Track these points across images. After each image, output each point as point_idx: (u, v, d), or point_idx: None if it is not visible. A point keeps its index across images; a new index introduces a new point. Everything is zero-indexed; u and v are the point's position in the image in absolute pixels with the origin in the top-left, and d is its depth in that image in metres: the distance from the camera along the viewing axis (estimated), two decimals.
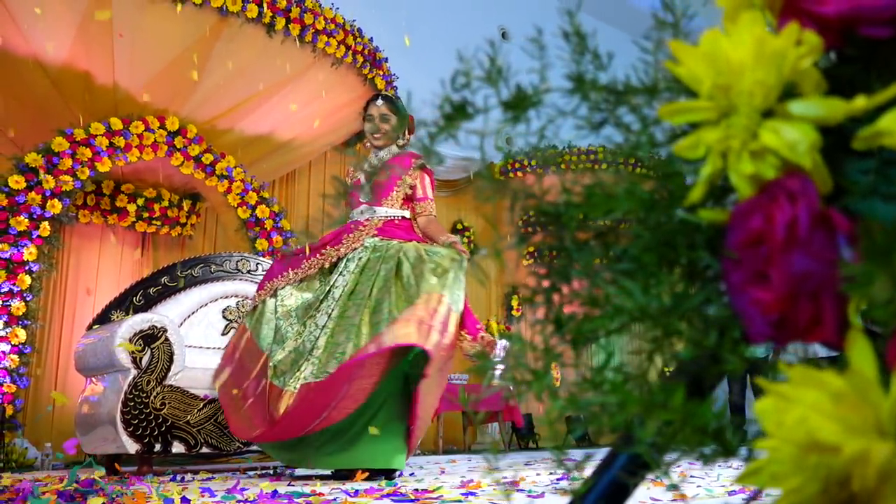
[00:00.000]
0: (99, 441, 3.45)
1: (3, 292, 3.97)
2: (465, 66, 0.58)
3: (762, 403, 0.40)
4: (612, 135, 0.54)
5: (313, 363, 2.80)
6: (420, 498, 1.90)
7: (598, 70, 0.53)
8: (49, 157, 4.20)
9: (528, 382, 0.52)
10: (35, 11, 4.11)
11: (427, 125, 0.58)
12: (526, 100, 0.56)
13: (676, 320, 0.44)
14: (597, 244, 0.51)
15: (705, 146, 0.42)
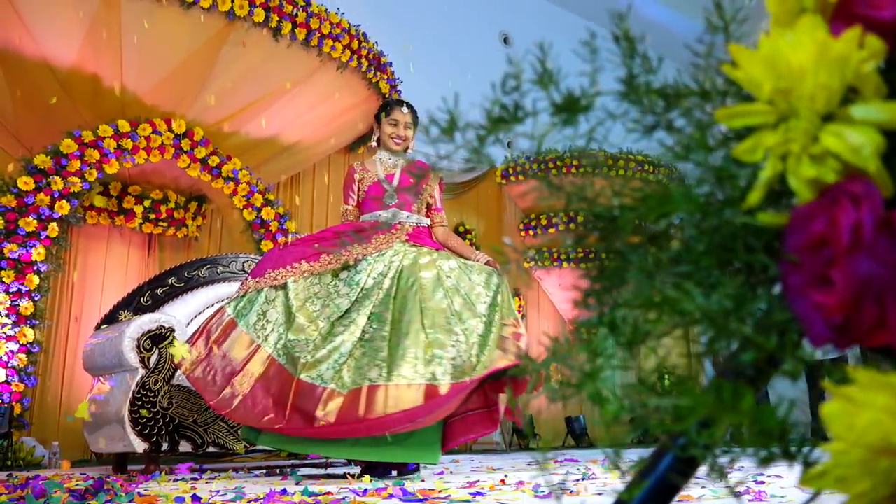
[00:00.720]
0: (106, 440, 3.49)
1: (12, 292, 4.01)
2: (515, 69, 0.59)
3: (829, 407, 0.39)
4: (659, 138, 0.56)
5: (379, 366, 2.74)
6: (428, 497, 1.93)
7: (648, 73, 0.54)
8: (57, 159, 4.24)
9: (578, 385, 0.53)
10: (45, 15, 4.16)
11: (475, 127, 0.59)
12: (577, 103, 0.56)
13: (737, 323, 0.44)
14: (650, 247, 0.52)
15: (764, 149, 0.42)
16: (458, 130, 0.59)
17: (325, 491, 2.19)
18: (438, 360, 2.78)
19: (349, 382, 2.71)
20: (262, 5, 4.51)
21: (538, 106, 0.58)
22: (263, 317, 2.94)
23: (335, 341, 2.82)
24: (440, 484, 2.44)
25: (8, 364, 3.94)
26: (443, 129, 0.57)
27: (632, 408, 0.50)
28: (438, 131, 0.58)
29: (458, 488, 2.23)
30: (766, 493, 1.89)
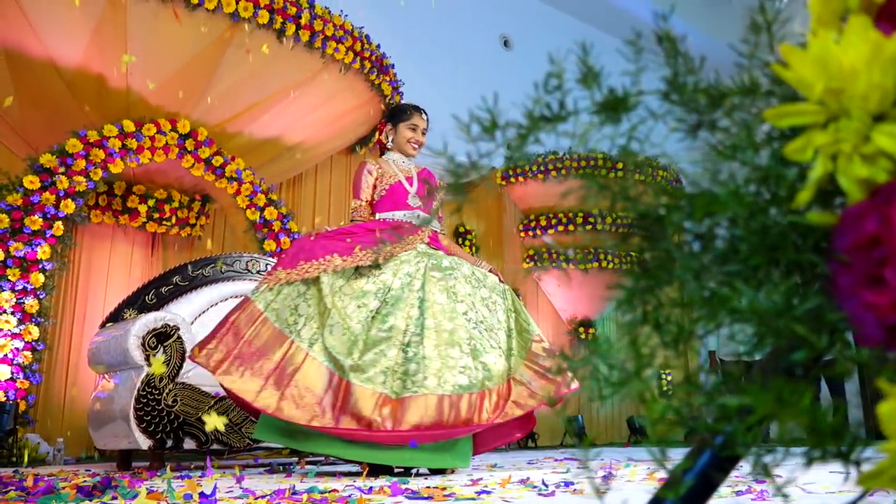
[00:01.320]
0: (111, 437, 3.53)
1: (18, 290, 4.04)
2: (556, 68, 0.59)
3: (885, 406, 0.39)
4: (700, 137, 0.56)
5: (426, 374, 2.75)
6: (434, 495, 1.97)
7: (690, 73, 0.53)
8: (63, 158, 4.27)
9: (621, 383, 0.52)
10: (51, 15, 4.20)
11: (514, 126, 0.59)
12: (622, 102, 0.56)
13: (790, 321, 0.44)
14: (694, 246, 0.51)
15: (814, 149, 0.43)
16: (498, 129, 0.58)
17: (331, 488, 2.22)
18: (484, 368, 2.88)
19: (399, 389, 2.71)
20: (266, 7, 4.54)
21: (572, 106, 0.59)
22: (295, 311, 2.86)
23: (381, 346, 2.78)
24: (443, 482, 2.48)
25: (13, 361, 3.97)
26: (484, 128, 0.57)
27: (680, 406, 0.50)
28: (479, 129, 0.58)
29: (462, 486, 2.27)
30: (769, 492, 1.93)
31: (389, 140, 3.32)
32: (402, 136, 3.27)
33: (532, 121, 0.59)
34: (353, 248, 2.96)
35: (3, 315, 3.97)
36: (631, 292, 0.53)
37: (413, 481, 2.47)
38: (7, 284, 4.00)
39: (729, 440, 0.50)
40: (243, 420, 3.56)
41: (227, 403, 3.52)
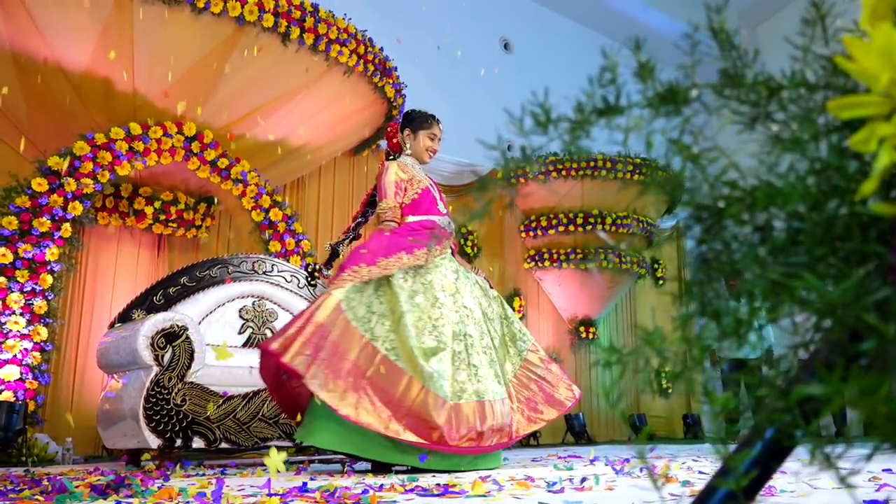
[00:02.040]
0: (120, 436, 3.57)
1: (26, 291, 4.08)
2: (609, 62, 0.58)
3: None
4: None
5: (484, 381, 2.84)
6: (444, 493, 2.01)
7: (745, 67, 0.53)
8: (71, 161, 4.32)
9: (680, 373, 0.53)
10: (58, 19, 4.24)
11: (567, 120, 0.58)
12: (679, 94, 0.55)
13: (860, 311, 0.44)
14: (755, 238, 0.51)
15: (878, 140, 0.43)
16: (551, 123, 0.59)
17: (342, 486, 2.27)
18: (503, 376, 3.05)
19: (455, 393, 2.77)
20: (271, 11, 4.59)
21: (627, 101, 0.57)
22: (369, 308, 2.85)
23: (444, 351, 2.82)
24: (451, 479, 2.52)
25: (22, 362, 4.01)
26: (537, 122, 0.57)
27: (743, 398, 0.52)
28: (532, 124, 0.58)
29: (471, 483, 2.31)
30: (776, 487, 1.98)
31: (407, 146, 3.35)
32: (422, 143, 3.32)
33: (583, 115, 0.58)
34: (414, 247, 2.98)
35: (13, 316, 4.01)
36: (689, 284, 0.52)
37: (422, 478, 2.52)
38: (16, 286, 4.04)
39: (787, 431, 0.50)
40: (251, 419, 3.61)
41: (235, 402, 3.58)
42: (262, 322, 4.20)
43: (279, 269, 4.41)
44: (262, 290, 4.25)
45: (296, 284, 4.42)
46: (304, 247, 5.14)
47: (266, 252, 4.95)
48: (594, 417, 8.01)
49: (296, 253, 5.09)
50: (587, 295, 7.64)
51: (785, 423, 0.49)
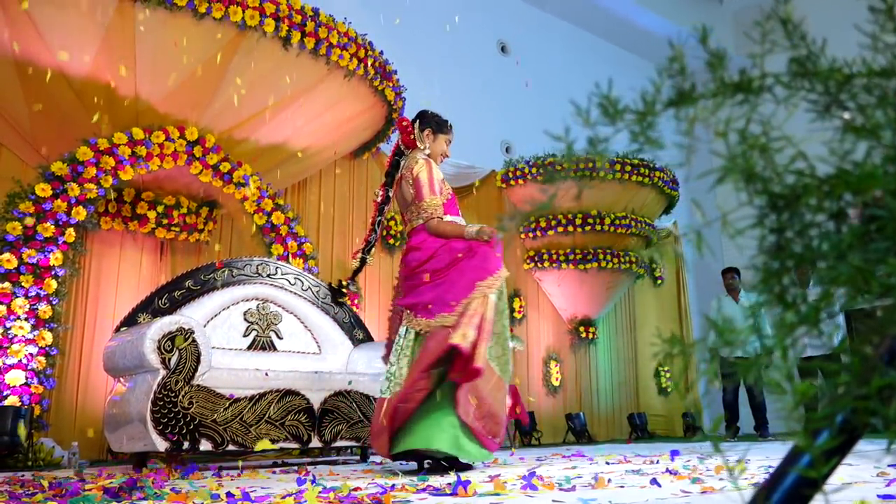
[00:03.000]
0: (127, 439, 3.59)
1: (31, 296, 4.10)
2: (676, 52, 0.57)
3: None
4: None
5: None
6: (455, 492, 2.03)
7: (814, 57, 0.53)
8: (74, 166, 4.34)
9: (753, 363, 0.53)
10: (60, 25, 4.26)
11: (634, 112, 0.58)
12: (751, 83, 0.54)
13: None
14: (830, 225, 0.51)
15: None
16: (619, 114, 0.58)
17: (354, 486, 2.29)
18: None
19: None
20: (272, 15, 4.62)
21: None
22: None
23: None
24: (463, 477, 2.55)
25: (27, 366, 4.03)
26: (605, 113, 0.56)
27: (823, 385, 0.50)
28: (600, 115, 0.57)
29: (481, 482, 2.34)
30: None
31: (426, 145, 3.34)
32: (440, 147, 3.35)
33: (649, 106, 0.57)
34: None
35: (18, 321, 4.03)
36: (767, 272, 0.52)
37: (432, 479, 2.54)
38: (21, 291, 4.06)
39: (862, 418, 0.50)
40: (258, 421, 3.63)
41: (242, 405, 3.60)
42: (266, 325, 4.22)
43: (283, 271, 4.44)
44: (267, 293, 4.28)
45: (300, 287, 4.44)
46: (306, 249, 5.17)
47: (268, 255, 4.97)
48: (595, 417, 8.05)
49: (298, 256, 5.12)
50: (586, 295, 7.69)
51: (863, 411, 0.49)
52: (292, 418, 3.74)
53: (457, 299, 2.92)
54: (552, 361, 7.81)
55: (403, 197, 3.26)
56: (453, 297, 2.93)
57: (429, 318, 2.96)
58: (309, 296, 4.46)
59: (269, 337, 4.20)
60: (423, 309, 2.99)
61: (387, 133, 6.15)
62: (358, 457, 4.43)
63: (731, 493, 1.92)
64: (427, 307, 2.98)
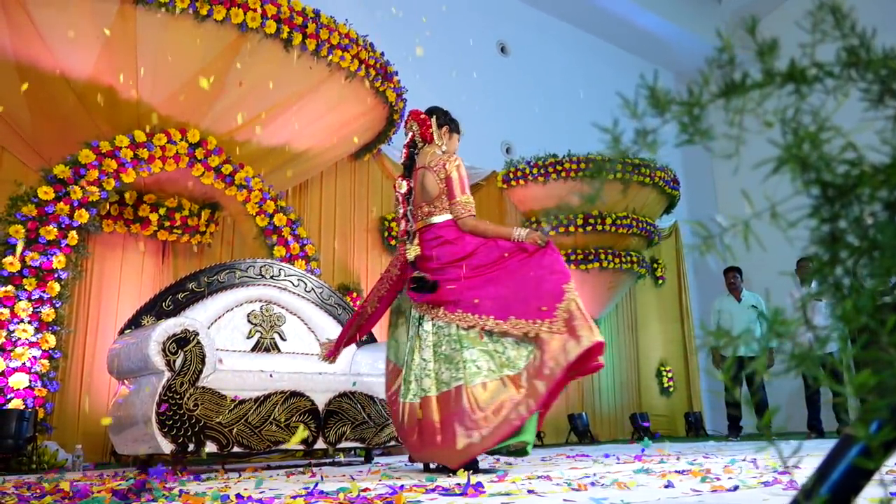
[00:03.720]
0: (131, 441, 3.58)
1: (34, 299, 4.10)
2: (724, 43, 0.57)
3: None
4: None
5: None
6: (466, 492, 2.03)
7: (866, 46, 0.52)
8: (76, 169, 4.34)
9: (803, 356, 0.52)
10: (62, 28, 4.26)
11: (681, 103, 0.57)
12: (803, 73, 0.54)
13: None
14: (885, 215, 0.50)
15: None
16: (668, 105, 0.57)
17: (363, 487, 2.29)
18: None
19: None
20: (273, 17, 4.63)
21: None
22: None
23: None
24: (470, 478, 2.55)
25: (31, 370, 4.02)
26: (652, 104, 0.56)
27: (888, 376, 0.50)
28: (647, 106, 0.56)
29: (491, 483, 2.34)
30: (797, 482, 2.01)
31: (443, 142, 3.32)
32: (454, 146, 3.35)
33: (695, 98, 0.56)
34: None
35: (21, 324, 4.02)
36: (821, 263, 0.52)
37: (440, 479, 2.54)
38: (24, 294, 4.06)
39: None
40: (263, 422, 3.63)
41: (247, 406, 3.60)
42: (270, 326, 4.22)
43: (286, 273, 4.44)
44: (270, 295, 4.28)
45: (303, 288, 4.44)
46: (308, 251, 5.16)
47: (270, 257, 4.97)
48: (597, 417, 8.05)
49: (300, 257, 5.11)
50: (588, 295, 7.68)
51: None
52: (297, 420, 3.74)
53: (550, 305, 2.89)
54: None
55: (425, 190, 3.20)
56: (543, 302, 2.90)
57: (500, 318, 2.92)
58: (312, 297, 4.45)
59: (273, 338, 4.20)
60: (473, 307, 2.94)
61: (388, 134, 6.15)
62: (362, 458, 4.43)
63: (742, 492, 1.93)
64: (487, 307, 2.94)
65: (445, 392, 2.88)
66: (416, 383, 3.01)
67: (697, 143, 0.57)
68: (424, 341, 3.03)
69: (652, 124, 0.62)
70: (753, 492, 1.94)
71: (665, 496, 1.89)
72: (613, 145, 0.56)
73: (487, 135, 8.01)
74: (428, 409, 2.91)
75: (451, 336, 2.95)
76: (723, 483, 2.14)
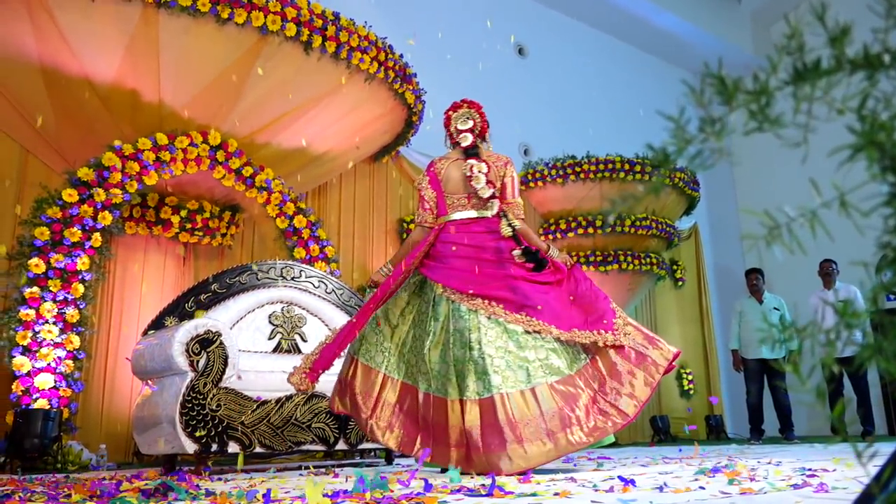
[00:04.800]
0: (155, 441, 3.61)
1: (59, 300, 4.14)
2: (793, 29, 0.55)
3: None
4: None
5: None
6: (492, 493, 2.02)
7: None
8: (100, 172, 4.38)
9: (872, 347, 0.50)
10: (86, 33, 4.31)
11: (747, 92, 0.55)
12: (879, 58, 0.52)
13: None
14: None
15: None
16: (734, 93, 0.55)
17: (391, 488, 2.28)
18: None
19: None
20: (293, 20, 4.65)
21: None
22: None
23: None
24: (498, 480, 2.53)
25: (56, 370, 4.07)
26: (719, 91, 0.54)
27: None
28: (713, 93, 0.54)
29: (515, 485, 2.33)
30: (828, 484, 1.99)
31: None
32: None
33: (763, 84, 0.55)
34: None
35: (46, 325, 4.07)
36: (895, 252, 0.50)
37: (464, 480, 2.53)
38: (49, 295, 4.10)
39: None
40: (284, 423, 3.64)
41: (269, 407, 3.61)
42: (291, 327, 4.24)
43: (307, 274, 4.45)
44: (291, 296, 4.29)
45: (324, 290, 4.45)
46: (328, 253, 5.18)
47: (290, 259, 4.99)
48: None
49: (320, 259, 5.13)
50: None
51: None
52: (319, 420, 3.75)
53: (609, 319, 2.98)
54: None
55: (476, 184, 3.10)
56: (606, 316, 3.00)
57: (588, 329, 2.95)
58: (333, 299, 4.47)
59: (294, 340, 4.21)
60: (538, 312, 2.92)
61: (406, 136, 6.16)
62: (383, 459, 4.43)
63: (772, 495, 1.90)
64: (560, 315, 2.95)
65: (520, 391, 2.79)
66: (471, 380, 2.83)
67: (767, 131, 0.55)
68: (481, 333, 2.89)
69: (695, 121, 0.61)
70: (783, 494, 1.91)
71: (694, 498, 1.87)
72: (677, 134, 0.54)
73: (505, 137, 7.99)
74: (500, 406, 2.76)
75: (514, 334, 2.89)
76: (751, 486, 2.12)
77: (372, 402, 3.09)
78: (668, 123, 0.56)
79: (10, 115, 4.70)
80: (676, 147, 0.53)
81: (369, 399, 3.10)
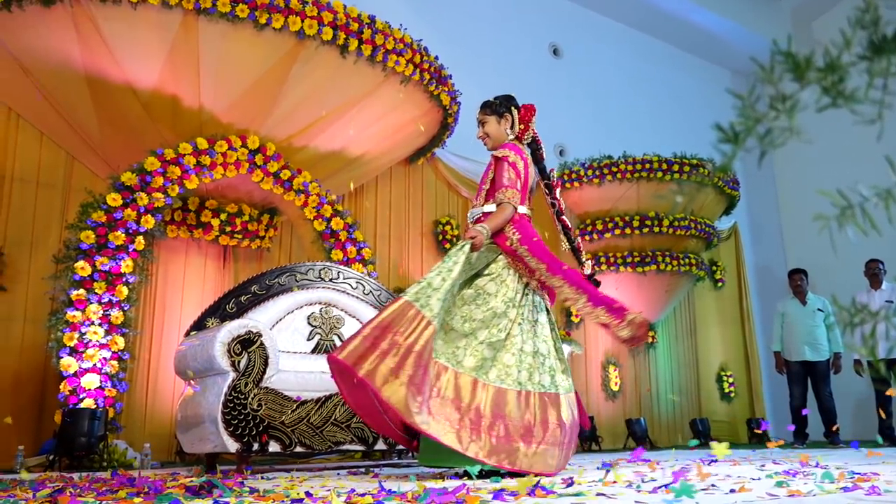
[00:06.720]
0: (197, 440, 3.66)
1: (104, 302, 4.24)
2: (868, 2, 0.53)
3: None
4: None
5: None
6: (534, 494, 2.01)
7: None
8: (142, 176, 4.47)
9: None
10: (129, 41, 4.40)
11: (818, 70, 0.53)
12: None
13: None
14: None
15: None
16: (811, 69, 0.53)
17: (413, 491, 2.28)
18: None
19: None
20: (330, 24, 4.69)
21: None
22: None
23: None
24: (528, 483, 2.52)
25: (101, 370, 4.16)
26: (792, 69, 0.52)
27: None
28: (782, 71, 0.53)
29: (561, 487, 2.31)
30: (879, 487, 1.93)
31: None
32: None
33: (836, 60, 0.52)
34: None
35: (92, 326, 4.16)
36: None
37: (503, 482, 2.52)
38: (94, 297, 4.19)
39: None
40: (324, 423, 3.67)
41: (308, 407, 3.64)
42: (329, 328, 4.26)
43: (345, 276, 4.48)
44: (330, 297, 4.32)
45: (361, 291, 4.48)
46: (365, 254, 5.21)
47: (328, 260, 5.03)
48: (655, 422, 7.90)
49: (357, 261, 5.16)
50: (645, 298, 7.54)
51: None
52: (358, 420, 3.76)
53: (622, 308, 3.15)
54: (611, 366, 7.69)
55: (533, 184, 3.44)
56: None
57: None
58: (370, 300, 4.49)
59: (333, 340, 4.24)
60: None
61: (442, 138, 6.16)
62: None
63: (821, 497, 1.85)
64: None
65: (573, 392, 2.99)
66: (548, 374, 2.92)
67: (840, 107, 0.53)
68: (551, 331, 3.11)
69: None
70: (834, 497, 1.86)
71: (741, 500, 1.83)
72: (746, 112, 0.52)
73: (540, 137, 7.96)
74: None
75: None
76: (800, 488, 2.07)
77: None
78: (705, 121, 0.54)
79: (58, 123, 4.82)
80: (745, 126, 0.51)
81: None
